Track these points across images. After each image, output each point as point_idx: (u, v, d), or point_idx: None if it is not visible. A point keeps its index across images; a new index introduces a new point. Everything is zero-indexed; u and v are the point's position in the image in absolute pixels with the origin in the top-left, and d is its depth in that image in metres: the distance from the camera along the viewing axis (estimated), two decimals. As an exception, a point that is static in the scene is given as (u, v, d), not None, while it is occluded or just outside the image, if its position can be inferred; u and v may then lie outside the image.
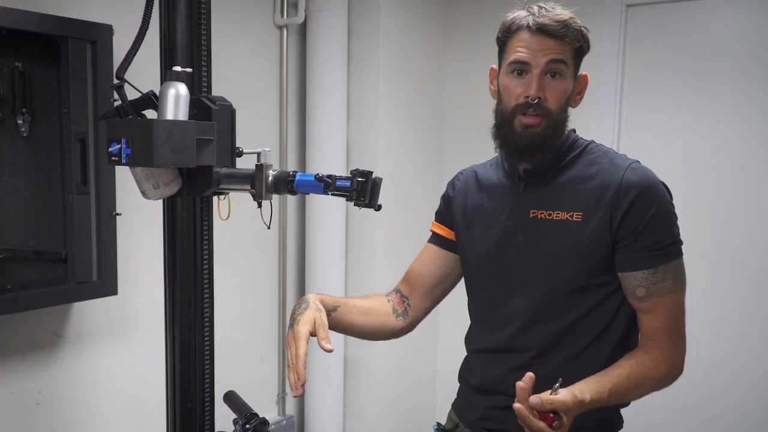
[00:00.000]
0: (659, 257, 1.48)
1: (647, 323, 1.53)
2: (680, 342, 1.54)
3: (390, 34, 3.14)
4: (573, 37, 1.49)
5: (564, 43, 1.49)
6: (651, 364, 1.49)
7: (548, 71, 1.49)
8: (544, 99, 1.49)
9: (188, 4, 1.45)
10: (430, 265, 1.79)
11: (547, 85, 1.50)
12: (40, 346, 2.28)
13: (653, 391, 1.52)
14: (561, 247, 1.53)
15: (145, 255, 2.42)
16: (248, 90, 2.92)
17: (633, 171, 1.51)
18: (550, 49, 1.48)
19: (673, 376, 1.53)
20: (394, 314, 1.75)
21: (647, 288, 1.49)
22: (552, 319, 1.56)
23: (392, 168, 3.22)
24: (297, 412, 3.32)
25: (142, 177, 1.43)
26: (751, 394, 2.90)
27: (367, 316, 1.69)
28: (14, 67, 2.01)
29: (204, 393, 1.55)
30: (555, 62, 1.49)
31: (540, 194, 1.57)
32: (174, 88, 1.37)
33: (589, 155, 1.58)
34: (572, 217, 1.52)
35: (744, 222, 2.89)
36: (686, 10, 2.95)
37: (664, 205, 1.50)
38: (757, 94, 2.83)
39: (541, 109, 1.49)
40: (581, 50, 1.53)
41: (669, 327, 1.52)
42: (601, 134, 3.08)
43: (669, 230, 1.50)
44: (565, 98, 1.52)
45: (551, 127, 1.51)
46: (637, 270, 1.49)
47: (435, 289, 1.80)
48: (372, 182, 1.38)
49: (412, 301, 1.78)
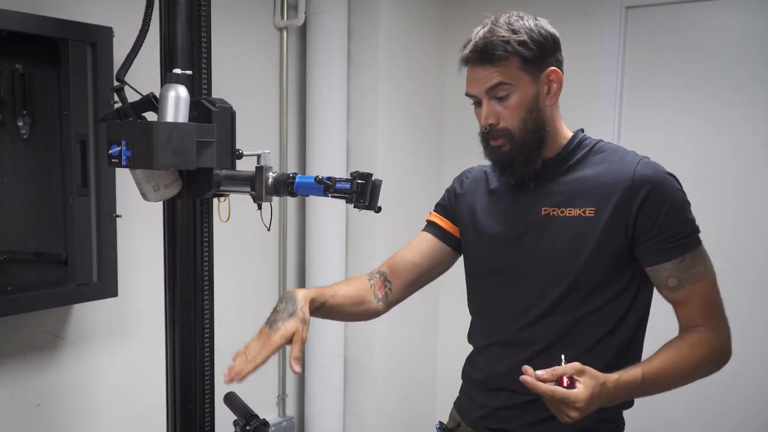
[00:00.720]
0: (684, 246, 1.50)
1: (684, 314, 1.53)
2: (721, 325, 1.53)
3: (390, 36, 3.15)
4: (502, 55, 1.49)
5: (499, 64, 1.50)
6: (686, 346, 1.49)
7: (492, 97, 1.53)
8: (496, 123, 1.53)
9: (188, 7, 1.46)
10: (423, 254, 1.78)
11: (498, 108, 1.53)
12: (40, 347, 2.28)
13: (697, 375, 1.51)
14: (575, 243, 1.53)
15: (145, 257, 2.43)
16: (248, 92, 2.92)
17: (644, 165, 1.53)
18: (484, 77, 1.52)
19: (717, 358, 1.52)
20: (374, 299, 1.74)
21: (679, 277, 1.50)
22: (562, 314, 1.56)
23: (392, 169, 3.22)
24: (297, 413, 3.33)
25: (143, 179, 1.44)
26: (753, 394, 2.91)
27: (350, 306, 1.69)
28: (15, 70, 2.02)
29: (204, 394, 1.55)
30: (493, 87, 1.52)
31: (551, 192, 1.58)
32: (174, 90, 1.37)
33: (599, 153, 1.59)
34: (585, 212, 1.53)
35: (746, 222, 2.90)
36: (685, 11, 2.96)
37: (679, 195, 1.51)
38: (757, 94, 2.83)
39: (498, 132, 1.54)
40: (526, 58, 1.51)
41: (706, 312, 1.51)
42: (601, 135, 3.04)
43: (687, 219, 1.51)
44: (524, 110, 1.53)
45: (517, 144, 1.54)
46: (666, 261, 1.50)
47: (420, 278, 1.79)
48: (372, 184, 1.38)
49: (394, 287, 1.77)
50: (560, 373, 1.32)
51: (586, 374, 1.33)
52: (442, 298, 3.59)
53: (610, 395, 1.37)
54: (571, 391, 1.30)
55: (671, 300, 1.54)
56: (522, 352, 1.58)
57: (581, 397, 1.30)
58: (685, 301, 1.52)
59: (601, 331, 1.55)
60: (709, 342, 1.50)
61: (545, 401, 1.34)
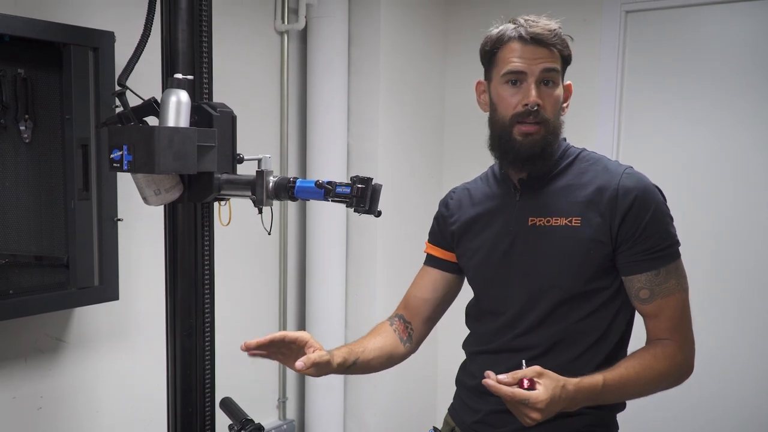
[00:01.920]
0: (660, 258, 1.50)
1: (653, 326, 1.54)
2: (686, 341, 1.54)
3: (390, 40, 3.16)
4: (561, 46, 1.53)
5: (554, 51, 1.52)
6: (650, 357, 1.50)
7: (542, 79, 1.52)
8: (542, 106, 1.51)
9: (189, 12, 1.47)
10: (429, 288, 1.81)
11: (543, 92, 1.52)
12: (41, 351, 2.29)
13: (658, 386, 1.52)
14: (562, 252, 1.54)
15: (146, 260, 2.43)
16: (249, 96, 2.93)
17: (628, 176, 1.53)
18: (544, 58, 1.51)
19: (678, 372, 1.53)
20: (401, 343, 1.78)
21: (651, 289, 1.51)
22: (551, 323, 1.57)
23: (392, 174, 3.23)
24: (297, 416, 3.33)
25: (144, 183, 1.44)
26: (750, 395, 2.91)
27: (381, 357, 1.73)
28: (17, 74, 2.03)
29: (205, 398, 1.56)
30: (549, 71, 1.51)
31: (537, 202, 1.59)
32: (175, 95, 1.38)
33: (583, 162, 1.60)
34: (571, 222, 1.54)
35: (743, 226, 2.90)
36: (685, 15, 2.96)
37: (660, 207, 1.52)
38: (756, 98, 2.84)
39: (540, 116, 1.51)
40: (568, 59, 1.56)
41: (674, 327, 1.52)
42: (600, 139, 3.09)
43: (667, 231, 1.52)
44: (559, 105, 1.55)
45: (549, 134, 1.53)
46: (641, 273, 1.51)
47: (436, 310, 1.82)
48: (372, 189, 1.39)
49: (415, 326, 1.81)
50: (520, 376, 1.35)
51: (546, 376, 1.36)
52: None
53: (570, 398, 1.38)
54: (531, 393, 1.33)
55: (641, 311, 1.55)
56: (513, 359, 1.58)
57: (542, 398, 1.32)
58: (655, 315, 1.53)
59: (589, 340, 1.56)
60: (672, 356, 1.51)
61: (507, 405, 1.37)
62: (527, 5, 3.07)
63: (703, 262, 2.93)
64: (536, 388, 1.34)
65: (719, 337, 2.95)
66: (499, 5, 3.27)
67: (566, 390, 1.37)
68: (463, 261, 1.74)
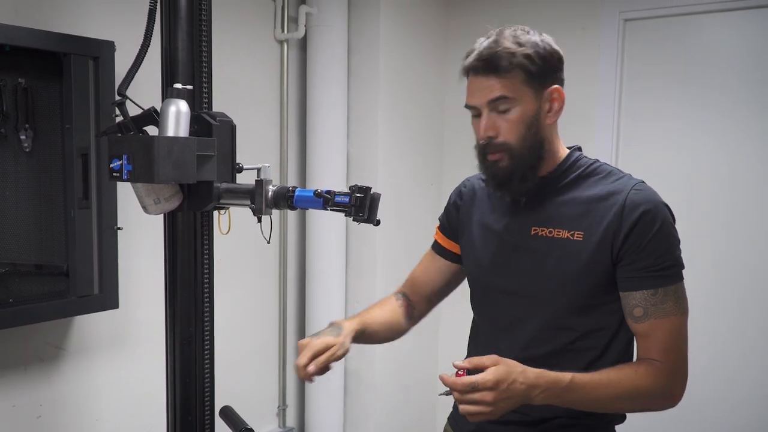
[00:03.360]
0: (660, 278, 1.46)
1: (643, 346, 1.49)
2: (676, 366, 1.48)
3: (390, 48, 3.17)
4: (507, 68, 1.46)
5: (503, 76, 1.47)
6: (629, 370, 1.46)
7: (493, 109, 1.50)
8: (495, 136, 1.50)
9: (189, 21, 1.48)
10: (431, 273, 1.83)
11: (498, 121, 1.50)
12: (41, 359, 2.29)
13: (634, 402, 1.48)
14: (561, 266, 1.52)
15: (146, 269, 2.44)
16: (249, 104, 2.93)
17: (637, 192, 1.49)
18: (487, 88, 1.48)
19: (660, 395, 1.47)
20: (404, 319, 1.82)
21: (645, 308, 1.46)
22: (550, 336, 1.55)
23: (392, 181, 3.23)
24: (297, 424, 3.33)
25: (143, 192, 1.45)
26: (747, 399, 2.91)
27: (384, 332, 1.77)
28: (17, 84, 2.03)
29: (204, 406, 1.56)
30: (495, 101, 1.48)
31: (542, 211, 1.57)
32: (175, 105, 1.39)
33: (593, 175, 1.56)
34: (573, 236, 1.51)
35: (743, 233, 2.91)
36: (683, 23, 2.98)
37: (667, 226, 1.48)
38: (754, 105, 2.85)
39: (497, 145, 1.50)
40: (530, 73, 1.48)
41: (664, 349, 1.46)
42: (599, 146, 3.10)
43: (670, 252, 1.47)
44: (524, 126, 1.50)
45: (515, 159, 1.50)
46: (637, 290, 1.47)
47: (437, 294, 1.85)
48: (370, 198, 1.39)
49: (417, 306, 1.84)
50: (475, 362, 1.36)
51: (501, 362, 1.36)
52: (443, 308, 3.58)
53: (530, 384, 1.36)
54: (476, 376, 1.33)
55: (634, 330, 1.51)
56: None
57: (488, 378, 1.32)
58: (646, 334, 1.48)
59: (590, 356, 1.53)
60: (656, 376, 1.45)
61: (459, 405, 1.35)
62: (526, 13, 3.10)
63: (701, 269, 2.93)
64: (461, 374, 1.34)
65: (718, 340, 2.95)
66: (498, 13, 3.29)
67: (525, 374, 1.36)
68: (465, 258, 1.73)
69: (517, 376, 1.35)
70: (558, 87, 1.53)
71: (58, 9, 2.21)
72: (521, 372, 1.36)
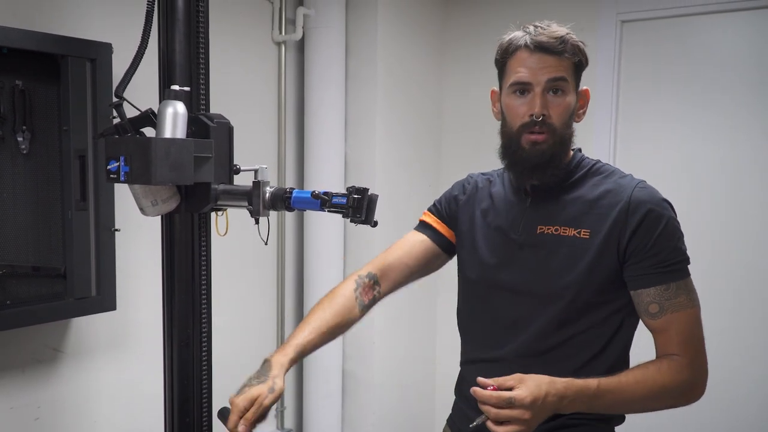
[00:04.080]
0: (670, 273, 1.48)
1: (662, 342, 1.50)
2: (697, 360, 1.49)
3: (387, 50, 3.17)
4: (571, 53, 1.50)
5: (563, 59, 1.50)
6: (653, 368, 1.46)
7: (550, 89, 1.50)
8: (548, 116, 1.50)
9: (186, 23, 1.48)
10: (416, 256, 1.77)
11: (550, 102, 1.50)
12: (39, 361, 2.29)
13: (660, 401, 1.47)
14: (567, 264, 1.53)
15: (143, 270, 2.44)
16: (247, 106, 2.94)
17: (641, 190, 1.51)
18: (550, 67, 1.49)
19: (685, 390, 1.48)
20: (357, 308, 1.70)
21: (660, 304, 1.48)
22: (551, 333, 1.55)
23: (390, 183, 3.23)
24: (295, 425, 3.33)
25: (141, 194, 1.45)
26: (745, 398, 2.92)
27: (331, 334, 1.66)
28: (15, 85, 2.04)
29: (202, 407, 1.56)
30: (556, 80, 1.50)
31: (548, 210, 1.58)
32: (172, 106, 1.39)
33: (597, 175, 1.58)
34: (580, 234, 1.52)
35: (739, 233, 2.91)
36: (680, 25, 2.98)
37: (672, 222, 1.50)
38: (752, 106, 2.85)
39: (546, 125, 1.50)
40: (580, 65, 1.54)
41: (683, 342, 1.48)
42: (597, 147, 3.10)
43: (677, 247, 1.49)
44: (569, 114, 1.53)
45: (557, 143, 1.52)
46: (650, 286, 1.48)
47: (410, 279, 1.78)
48: (368, 199, 1.39)
49: (383, 290, 1.75)
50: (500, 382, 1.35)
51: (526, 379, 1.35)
52: (439, 310, 3.60)
53: (560, 395, 1.36)
54: (514, 392, 1.32)
55: (651, 327, 1.52)
56: (512, 369, 1.58)
57: (524, 395, 1.32)
58: (664, 330, 1.49)
59: (589, 353, 1.54)
60: (680, 371, 1.47)
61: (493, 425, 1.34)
62: (524, 14, 3.09)
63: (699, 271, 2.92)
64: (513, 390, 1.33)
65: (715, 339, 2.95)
66: (497, 14, 3.29)
67: (554, 386, 1.36)
68: (463, 257, 1.73)
69: (549, 389, 1.35)
70: (588, 89, 1.59)
71: (55, 11, 2.22)
72: (550, 383, 1.35)
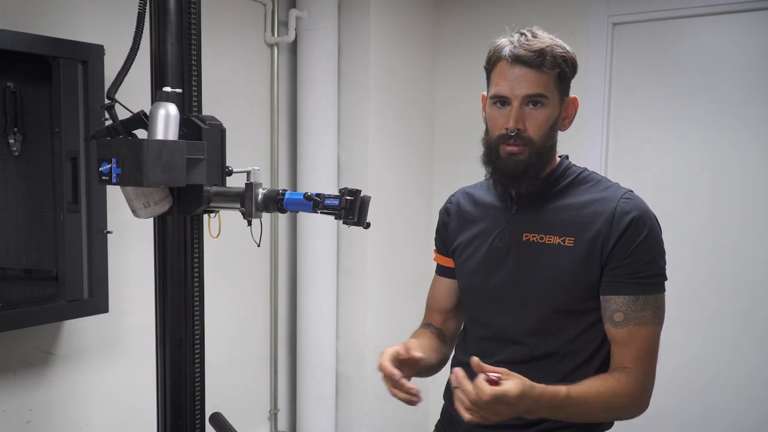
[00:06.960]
0: (642, 286, 1.49)
1: (619, 353, 1.51)
2: (648, 376, 1.51)
3: (380, 52, 3.17)
4: (551, 66, 1.49)
5: (542, 72, 1.49)
6: (613, 381, 1.47)
7: (528, 102, 1.50)
8: (524, 129, 1.51)
9: (178, 25, 1.48)
10: (445, 297, 1.82)
11: (528, 115, 1.51)
12: (31, 363, 2.28)
13: (616, 413, 1.51)
14: (552, 271, 1.53)
15: (135, 273, 2.43)
16: (239, 108, 2.93)
17: (626, 201, 1.52)
18: (528, 82, 1.49)
19: (635, 403, 1.50)
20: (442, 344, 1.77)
21: (625, 314, 1.49)
22: (537, 341, 1.56)
23: (383, 185, 3.23)
24: (289, 428, 3.32)
25: (133, 196, 1.45)
26: (733, 400, 2.93)
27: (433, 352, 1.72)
28: (6, 87, 2.03)
29: (195, 410, 1.56)
30: (534, 96, 1.50)
31: (533, 218, 1.59)
32: (164, 108, 1.39)
33: (583, 183, 1.59)
34: (564, 241, 1.53)
35: (730, 239, 2.92)
36: (672, 28, 2.99)
37: (654, 235, 1.51)
38: (743, 109, 2.86)
39: (522, 138, 1.51)
40: (563, 75, 1.53)
41: (639, 358, 1.49)
42: (588, 152, 3.10)
43: (655, 261, 1.50)
44: (548, 126, 1.53)
45: (534, 155, 1.52)
46: (619, 294, 1.49)
47: (455, 312, 1.82)
48: (360, 200, 1.39)
49: (446, 330, 1.81)
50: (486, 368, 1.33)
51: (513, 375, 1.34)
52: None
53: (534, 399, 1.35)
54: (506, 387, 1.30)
55: (611, 335, 1.52)
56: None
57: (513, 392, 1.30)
58: (624, 342, 1.50)
59: (578, 359, 1.55)
60: (633, 385, 1.48)
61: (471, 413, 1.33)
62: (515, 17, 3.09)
63: (687, 276, 2.95)
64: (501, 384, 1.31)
65: (712, 343, 2.96)
66: (488, 17, 3.30)
67: (534, 390, 1.35)
68: (456, 265, 1.74)
69: (529, 392, 1.34)
70: (576, 97, 1.58)
71: (47, 12, 2.21)
72: (531, 386, 1.35)
